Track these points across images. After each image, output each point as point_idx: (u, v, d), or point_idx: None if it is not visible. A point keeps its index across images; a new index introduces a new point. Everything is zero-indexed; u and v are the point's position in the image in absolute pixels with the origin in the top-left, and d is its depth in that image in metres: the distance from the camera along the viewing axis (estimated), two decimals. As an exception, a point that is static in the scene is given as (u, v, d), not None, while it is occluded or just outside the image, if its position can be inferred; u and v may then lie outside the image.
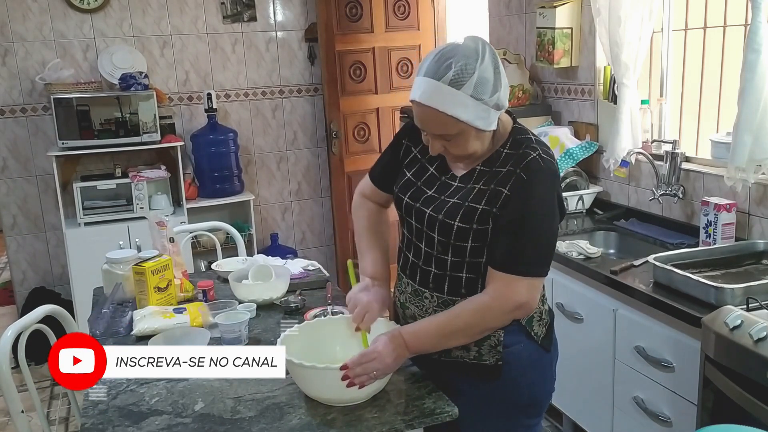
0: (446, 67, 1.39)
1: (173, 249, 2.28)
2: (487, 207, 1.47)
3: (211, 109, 4.13)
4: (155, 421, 1.49)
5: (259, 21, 4.37)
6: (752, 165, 2.29)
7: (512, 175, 1.46)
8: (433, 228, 1.53)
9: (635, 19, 2.75)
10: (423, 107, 1.43)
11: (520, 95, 3.45)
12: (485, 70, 1.40)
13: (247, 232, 4.24)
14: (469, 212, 1.48)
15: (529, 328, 1.59)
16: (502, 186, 1.47)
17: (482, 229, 1.48)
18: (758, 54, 2.19)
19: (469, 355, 1.58)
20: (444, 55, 1.40)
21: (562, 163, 3.13)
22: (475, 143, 1.48)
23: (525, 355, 1.58)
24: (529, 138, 1.52)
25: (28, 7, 3.90)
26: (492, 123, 1.46)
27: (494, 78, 1.41)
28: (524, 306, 1.49)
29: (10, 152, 4.01)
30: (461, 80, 1.38)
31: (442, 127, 1.44)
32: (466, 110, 1.40)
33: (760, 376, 1.68)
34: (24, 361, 1.88)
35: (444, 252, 1.54)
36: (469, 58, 1.39)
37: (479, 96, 1.40)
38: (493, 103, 1.42)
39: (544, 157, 1.47)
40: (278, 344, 1.54)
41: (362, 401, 1.50)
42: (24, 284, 4.18)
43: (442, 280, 1.57)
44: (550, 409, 2.90)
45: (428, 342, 1.53)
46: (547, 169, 1.47)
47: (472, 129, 1.43)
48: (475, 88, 1.39)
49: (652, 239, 2.71)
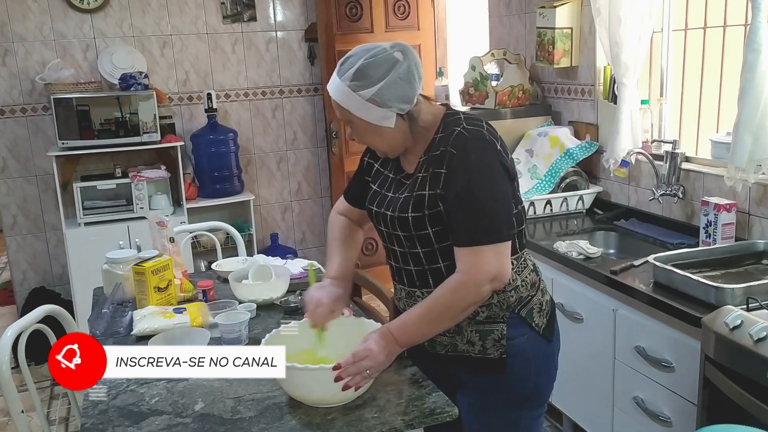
0: (342, 60, 1.55)
1: (173, 249, 2.28)
2: (431, 191, 1.53)
3: (211, 109, 4.14)
4: (155, 421, 1.49)
5: (259, 21, 4.37)
6: (752, 165, 2.29)
7: (445, 154, 1.52)
8: (394, 226, 1.60)
9: (635, 19, 2.75)
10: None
11: (520, 95, 3.45)
12: (368, 66, 1.49)
13: (247, 232, 4.24)
14: (418, 200, 1.54)
15: (530, 319, 1.61)
16: (439, 167, 1.52)
17: (435, 212, 1.53)
18: (758, 54, 2.19)
19: (474, 350, 1.60)
20: (349, 53, 1.56)
21: (562, 163, 3.14)
22: (372, 137, 1.58)
23: (529, 346, 1.61)
24: (457, 118, 1.58)
25: (28, 7, 3.90)
26: (380, 119, 1.52)
27: (376, 76, 1.49)
28: (497, 275, 1.50)
29: (10, 152, 4.01)
30: (344, 70, 1.52)
31: (336, 110, 1.58)
32: (346, 98, 1.52)
33: (760, 376, 1.68)
34: (24, 361, 1.88)
35: (412, 245, 1.59)
36: (358, 52, 1.53)
37: (354, 89, 1.50)
38: (368, 96, 1.49)
39: (468, 129, 1.53)
40: (263, 344, 1.56)
41: (350, 401, 1.50)
42: (24, 284, 4.18)
43: (424, 276, 1.61)
44: (550, 409, 2.91)
45: (416, 332, 1.54)
46: (473, 138, 1.52)
47: (358, 119, 1.54)
48: (352, 81, 1.50)
49: (652, 239, 2.71)
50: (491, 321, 1.59)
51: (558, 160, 3.15)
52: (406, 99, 1.52)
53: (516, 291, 1.60)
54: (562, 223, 3.05)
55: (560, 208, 3.12)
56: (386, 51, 1.51)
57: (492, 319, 1.59)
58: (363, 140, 1.62)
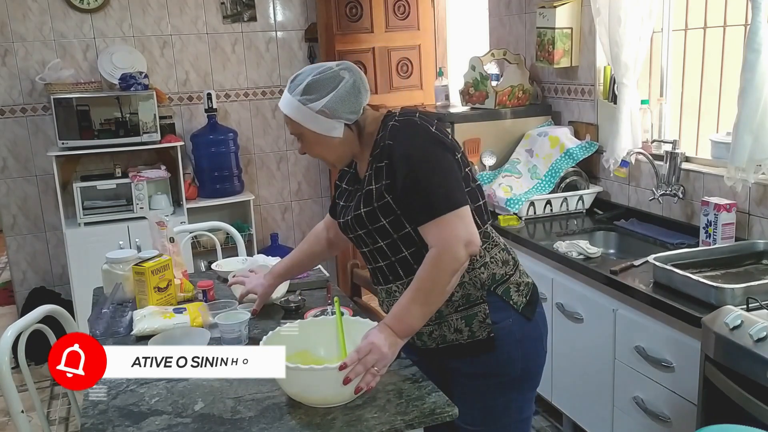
0: (292, 78, 1.66)
1: (173, 249, 2.28)
2: (377, 184, 1.61)
3: (211, 109, 4.14)
4: (155, 421, 1.49)
5: (259, 21, 4.37)
6: (752, 165, 2.29)
7: (385, 148, 1.61)
8: (354, 227, 1.67)
9: (635, 19, 2.75)
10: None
11: (520, 95, 3.45)
12: (316, 82, 1.60)
13: (247, 232, 4.24)
14: (367, 196, 1.63)
15: (506, 298, 1.66)
16: (381, 161, 1.61)
17: (384, 204, 1.60)
18: (758, 54, 2.19)
19: (463, 336, 1.65)
20: (298, 72, 1.67)
21: (562, 163, 3.14)
22: (321, 148, 1.68)
23: (515, 329, 1.66)
24: (392, 114, 1.67)
25: (28, 7, 3.90)
26: (329, 129, 1.63)
27: (325, 89, 1.60)
28: (469, 238, 1.53)
29: (10, 152, 4.01)
30: (294, 87, 1.63)
31: (288, 124, 1.68)
32: (295, 110, 1.63)
33: (760, 376, 1.68)
34: (24, 361, 1.88)
35: (374, 241, 1.66)
36: (307, 70, 1.65)
37: (304, 102, 1.61)
38: (317, 108, 1.60)
39: (399, 119, 1.63)
40: (262, 344, 1.56)
41: (349, 401, 1.50)
42: (24, 284, 4.18)
43: (393, 268, 1.67)
44: (551, 408, 2.91)
45: (411, 318, 1.56)
46: (404, 125, 1.61)
47: (307, 130, 1.64)
48: (302, 95, 1.61)
49: (652, 239, 2.71)
50: (471, 304, 1.64)
51: (558, 160, 3.15)
52: (353, 110, 1.63)
53: (486, 267, 1.65)
54: (562, 223, 3.05)
55: (560, 208, 3.13)
56: (332, 69, 1.63)
57: (471, 302, 1.63)
58: (313, 152, 1.71)
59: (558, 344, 2.67)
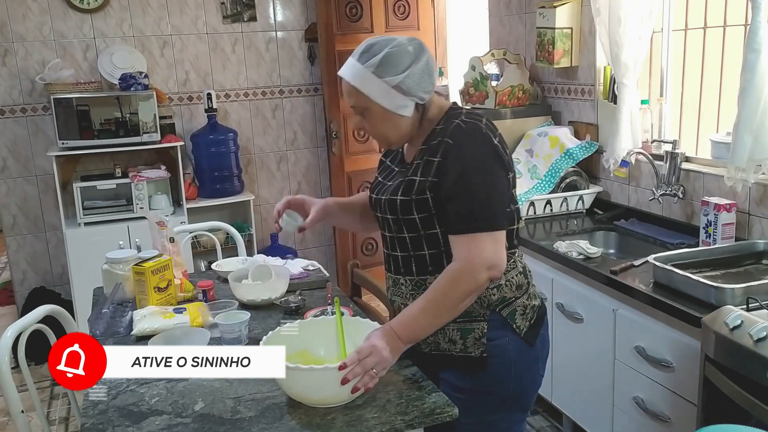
0: (364, 48, 1.57)
1: (173, 249, 2.28)
2: (423, 178, 1.56)
3: (211, 109, 4.14)
4: (155, 421, 1.49)
5: (259, 21, 4.37)
6: (752, 165, 2.29)
7: (441, 144, 1.56)
8: (384, 209, 1.64)
9: (635, 19, 2.75)
10: (342, 81, 1.63)
11: (520, 95, 3.45)
12: (392, 54, 1.53)
13: (247, 232, 4.24)
14: (408, 185, 1.58)
15: (511, 320, 1.62)
16: (434, 155, 1.56)
17: (421, 199, 1.56)
18: (758, 54, 2.19)
19: (455, 348, 1.62)
20: (370, 42, 1.58)
21: (562, 163, 3.14)
22: (386, 125, 1.60)
23: (510, 348, 1.62)
24: (459, 111, 1.62)
25: (28, 7, 3.90)
26: (401, 107, 1.56)
27: (403, 64, 1.53)
28: (494, 263, 1.52)
29: (10, 152, 4.01)
30: (366, 57, 1.55)
31: (350, 97, 1.61)
32: (366, 84, 1.55)
33: (760, 376, 1.68)
34: (24, 361, 1.88)
35: (399, 230, 1.63)
36: (381, 42, 1.56)
37: (380, 74, 1.53)
38: (394, 83, 1.53)
39: (466, 121, 1.57)
40: (262, 344, 1.56)
41: (350, 401, 1.50)
42: (24, 284, 4.18)
43: (408, 262, 1.64)
44: (551, 408, 2.91)
45: (417, 326, 1.54)
46: (470, 130, 1.55)
47: (377, 106, 1.57)
48: (378, 67, 1.53)
49: (652, 239, 2.71)
50: (471, 319, 1.60)
51: (558, 160, 3.15)
52: (426, 89, 1.57)
53: (499, 290, 1.61)
54: (562, 223, 3.05)
55: (560, 208, 3.13)
56: (405, 44, 1.56)
57: (472, 317, 1.60)
58: (375, 128, 1.63)
59: (558, 344, 2.67)
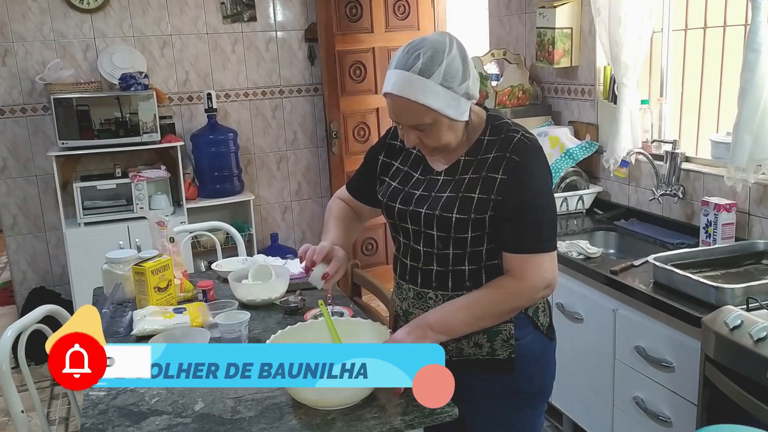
0: (415, 57, 1.42)
1: (173, 249, 2.28)
2: (483, 195, 1.49)
3: (211, 109, 4.14)
4: (155, 421, 1.49)
5: (259, 21, 4.37)
6: (752, 165, 2.29)
7: (503, 159, 1.49)
8: (431, 225, 1.54)
9: (635, 19, 2.75)
10: (395, 98, 1.45)
11: (520, 95, 3.45)
12: (453, 60, 1.43)
13: (247, 232, 4.24)
14: (466, 202, 1.50)
15: (535, 318, 1.62)
16: (495, 172, 1.49)
17: (480, 218, 1.50)
18: (758, 54, 2.19)
19: (482, 352, 1.59)
20: (412, 47, 1.45)
21: (562, 163, 3.13)
22: (449, 134, 1.50)
23: (534, 345, 1.61)
24: (506, 122, 1.56)
25: (28, 7, 3.90)
26: (464, 113, 1.49)
27: (462, 68, 1.45)
28: (551, 283, 1.52)
29: (10, 152, 4.01)
30: (430, 69, 1.41)
31: (414, 116, 1.46)
32: (436, 98, 1.43)
33: (760, 376, 1.68)
34: (24, 361, 1.88)
35: (445, 247, 1.55)
36: (437, 48, 1.43)
37: (448, 84, 1.43)
38: (463, 91, 1.45)
39: (528, 137, 1.52)
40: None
41: (352, 403, 1.49)
42: (24, 284, 4.18)
43: (445, 277, 1.58)
44: (550, 408, 2.91)
45: (457, 320, 1.50)
46: (534, 147, 1.52)
47: (444, 118, 1.46)
48: (444, 77, 1.42)
49: (652, 239, 2.71)
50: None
51: (558, 160, 3.15)
52: (478, 89, 1.51)
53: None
54: (562, 223, 3.05)
55: (560, 208, 3.12)
56: (447, 43, 1.44)
57: None
58: (441, 140, 1.49)
59: (558, 344, 2.66)
